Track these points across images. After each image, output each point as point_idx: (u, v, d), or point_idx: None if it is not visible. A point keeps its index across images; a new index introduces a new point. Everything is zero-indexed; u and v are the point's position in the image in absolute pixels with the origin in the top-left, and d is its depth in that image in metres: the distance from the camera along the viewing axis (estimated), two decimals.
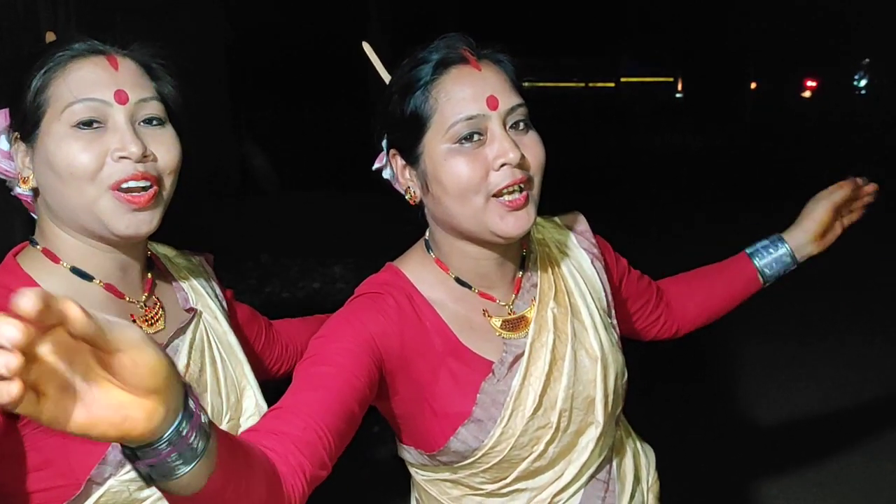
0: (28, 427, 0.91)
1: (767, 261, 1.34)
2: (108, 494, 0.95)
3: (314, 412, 0.88)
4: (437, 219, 1.06)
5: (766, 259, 1.34)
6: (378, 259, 1.47)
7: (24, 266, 0.98)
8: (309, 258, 5.27)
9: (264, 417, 0.90)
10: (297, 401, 0.90)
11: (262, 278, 4.98)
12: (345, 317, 1.02)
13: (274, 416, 0.88)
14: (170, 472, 0.63)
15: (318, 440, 0.86)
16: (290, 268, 5.17)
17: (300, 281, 4.99)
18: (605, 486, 1.12)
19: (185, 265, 1.18)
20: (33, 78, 0.94)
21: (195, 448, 0.63)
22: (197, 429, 0.63)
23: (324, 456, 0.86)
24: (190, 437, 0.62)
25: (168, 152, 0.99)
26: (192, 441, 0.63)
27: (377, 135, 1.10)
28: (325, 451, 0.86)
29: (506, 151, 0.96)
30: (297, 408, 0.89)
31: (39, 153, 0.95)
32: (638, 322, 1.32)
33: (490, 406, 1.01)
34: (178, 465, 0.63)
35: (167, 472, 0.63)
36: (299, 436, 0.84)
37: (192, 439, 0.63)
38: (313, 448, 0.85)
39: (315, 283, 4.89)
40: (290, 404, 0.90)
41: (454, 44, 1.01)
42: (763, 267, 1.34)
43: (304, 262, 5.23)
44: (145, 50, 1.01)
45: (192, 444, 0.63)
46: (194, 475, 0.64)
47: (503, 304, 1.08)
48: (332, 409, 0.89)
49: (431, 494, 1.13)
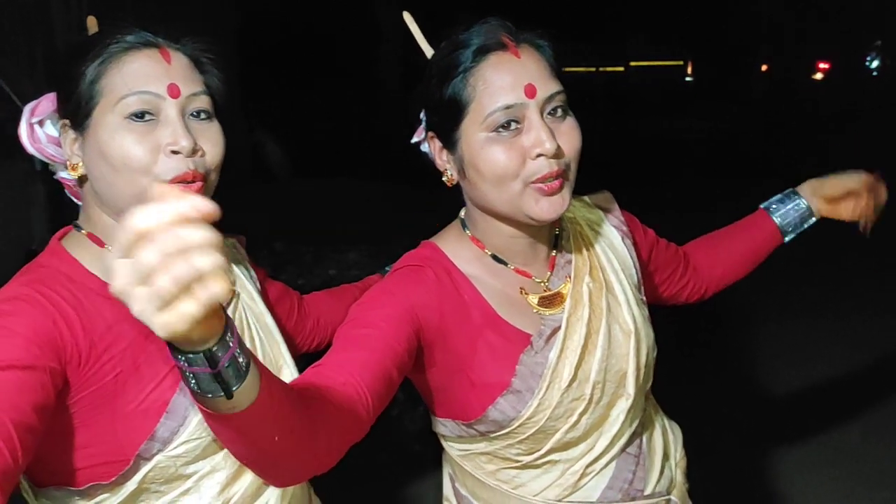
0: (79, 404, 0.94)
1: (782, 212, 1.38)
2: (156, 470, 0.98)
3: (354, 370, 0.90)
4: (474, 200, 1.08)
5: (781, 210, 1.38)
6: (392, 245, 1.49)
7: (69, 249, 1.01)
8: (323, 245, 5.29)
9: (304, 374, 0.91)
10: (338, 359, 0.92)
11: (277, 266, 4.99)
12: (386, 287, 1.04)
13: (314, 372, 0.90)
14: (240, 375, 0.65)
15: (357, 396, 0.87)
16: (305, 255, 5.19)
17: (315, 268, 5.00)
18: (635, 460, 1.14)
19: None
20: (87, 68, 0.96)
21: (241, 363, 0.65)
22: (242, 350, 0.65)
23: (362, 413, 0.87)
24: (237, 352, 0.64)
25: (214, 147, 1.01)
26: (239, 357, 0.65)
27: (416, 111, 1.12)
28: (363, 408, 0.88)
29: (542, 142, 0.98)
30: (338, 365, 0.91)
31: (90, 142, 0.97)
32: (668, 289, 1.35)
33: (528, 377, 1.04)
34: (243, 364, 0.65)
35: (237, 376, 0.65)
36: (339, 390, 0.86)
37: (239, 355, 0.65)
38: (352, 403, 0.86)
39: (330, 269, 4.91)
40: (331, 362, 0.92)
41: (494, 29, 1.02)
42: (778, 218, 1.38)
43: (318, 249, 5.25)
44: (195, 43, 1.02)
45: (239, 360, 0.65)
46: (250, 382, 0.66)
47: (539, 280, 1.10)
48: (372, 370, 0.91)
49: (466, 469, 1.16)
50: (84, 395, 0.93)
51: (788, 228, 1.38)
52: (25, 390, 0.84)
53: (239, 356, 0.64)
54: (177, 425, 0.97)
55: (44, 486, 0.99)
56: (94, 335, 0.94)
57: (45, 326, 0.89)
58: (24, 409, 0.83)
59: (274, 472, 0.84)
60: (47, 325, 0.89)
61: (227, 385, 0.64)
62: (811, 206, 1.37)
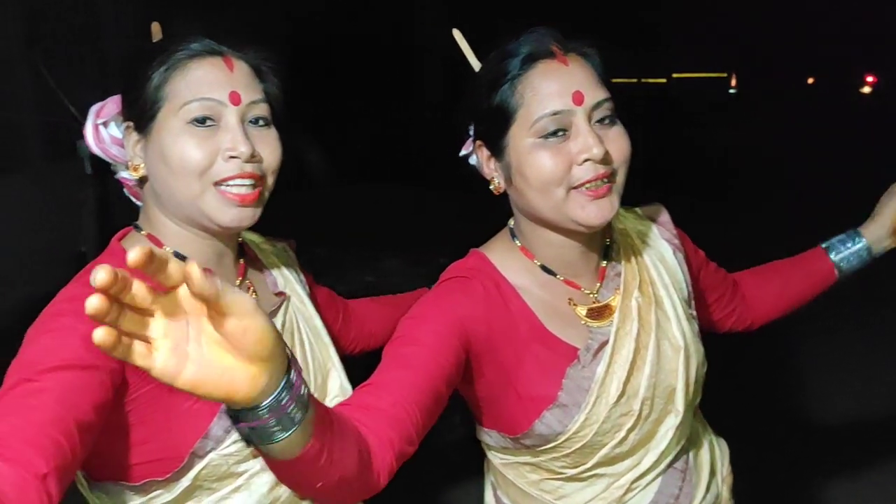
0: (136, 402, 0.96)
1: (844, 255, 1.34)
2: (209, 467, 1.00)
3: (403, 390, 0.91)
4: (521, 209, 1.08)
5: (843, 253, 1.34)
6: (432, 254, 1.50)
7: (128, 249, 1.04)
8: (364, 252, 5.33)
9: (355, 393, 0.93)
10: (387, 378, 0.93)
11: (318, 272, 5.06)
12: (434, 299, 1.05)
13: (365, 391, 0.92)
14: (269, 437, 0.68)
15: (407, 417, 0.89)
16: (345, 261, 5.24)
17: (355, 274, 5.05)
18: (682, 476, 1.13)
19: (272, 251, 1.23)
20: (154, 73, 0.99)
21: (293, 417, 0.68)
22: (296, 399, 0.67)
23: (412, 432, 0.89)
24: (289, 407, 0.67)
25: (272, 153, 1.03)
26: (291, 410, 0.67)
27: (463, 123, 1.13)
28: (412, 427, 0.89)
29: (589, 147, 0.98)
30: (387, 385, 0.92)
31: (153, 144, 1.00)
32: (714, 314, 1.33)
33: (575, 391, 1.04)
34: (276, 430, 0.68)
35: (266, 436, 0.68)
36: (389, 412, 0.88)
37: (291, 409, 0.67)
38: (402, 424, 0.88)
39: (369, 276, 4.96)
40: (380, 381, 0.93)
41: (542, 38, 1.02)
42: (839, 261, 1.34)
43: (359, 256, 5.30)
44: (257, 52, 1.05)
45: (290, 413, 0.67)
46: (291, 442, 0.69)
47: (588, 292, 1.10)
48: (421, 388, 0.92)
49: (508, 478, 1.16)
50: (141, 393, 0.96)
51: (845, 270, 1.34)
52: (86, 389, 0.86)
53: (292, 411, 0.67)
54: (229, 424, 0.99)
55: (100, 481, 1.01)
56: None
57: None
58: (84, 407, 0.85)
59: (325, 500, 0.87)
60: None
61: (261, 440, 0.68)
62: (871, 248, 1.33)
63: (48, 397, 0.83)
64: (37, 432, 0.79)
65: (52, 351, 0.87)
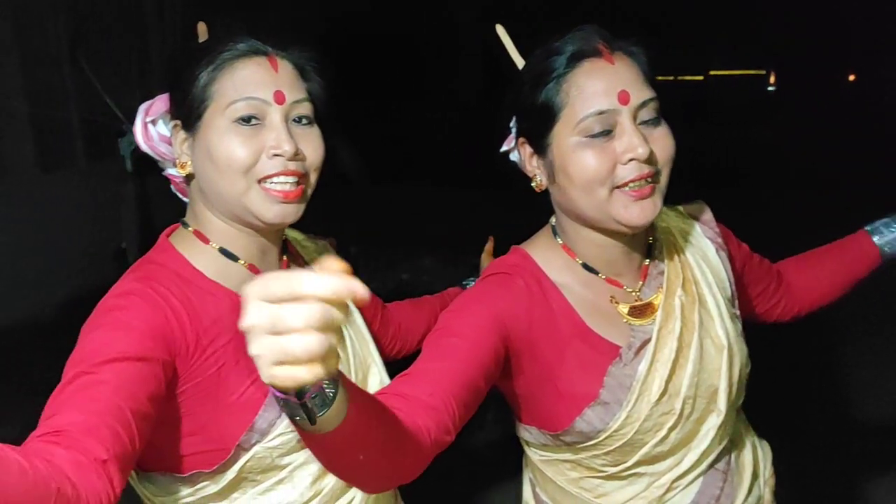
0: (185, 394, 0.98)
1: (888, 238, 1.33)
2: (254, 460, 1.02)
3: (441, 380, 0.91)
4: (563, 207, 1.08)
5: (888, 237, 1.33)
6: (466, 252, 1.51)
7: (176, 245, 1.06)
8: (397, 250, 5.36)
9: (393, 382, 0.94)
10: (426, 368, 0.94)
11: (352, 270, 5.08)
12: (475, 294, 1.06)
13: (403, 380, 0.92)
14: (328, 402, 0.66)
15: (444, 407, 0.89)
16: (379, 259, 5.27)
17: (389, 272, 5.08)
18: (723, 477, 1.12)
19: (313, 248, 1.25)
20: (201, 73, 1.01)
21: (328, 394, 0.66)
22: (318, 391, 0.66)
23: (448, 422, 0.89)
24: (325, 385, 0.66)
25: (315, 151, 1.05)
26: (327, 388, 0.66)
27: (506, 119, 1.13)
28: (449, 418, 0.89)
29: (634, 147, 0.98)
30: (425, 375, 0.92)
31: (200, 142, 1.02)
32: (759, 306, 1.32)
33: (617, 389, 1.03)
34: (330, 391, 0.66)
35: (325, 402, 0.66)
36: (426, 401, 0.88)
37: (327, 386, 0.66)
38: (439, 414, 0.88)
39: (404, 274, 4.98)
40: (419, 371, 0.94)
41: (588, 36, 1.02)
42: (884, 245, 1.33)
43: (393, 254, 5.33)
44: (300, 52, 1.07)
45: (326, 390, 0.66)
46: (338, 408, 0.67)
47: (630, 290, 1.10)
48: (459, 380, 0.93)
49: (547, 475, 1.16)
50: (190, 386, 0.98)
51: (889, 254, 1.33)
52: (141, 380, 0.89)
53: (327, 387, 0.66)
54: (274, 417, 1.01)
55: (148, 471, 1.04)
56: (200, 329, 0.98)
57: (157, 320, 0.94)
58: (140, 398, 0.88)
59: (360, 482, 0.87)
60: (159, 319, 0.94)
61: (310, 413, 0.66)
62: None
63: (106, 388, 0.85)
64: (96, 422, 0.82)
65: (107, 344, 0.90)
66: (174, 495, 1.04)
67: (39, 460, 0.71)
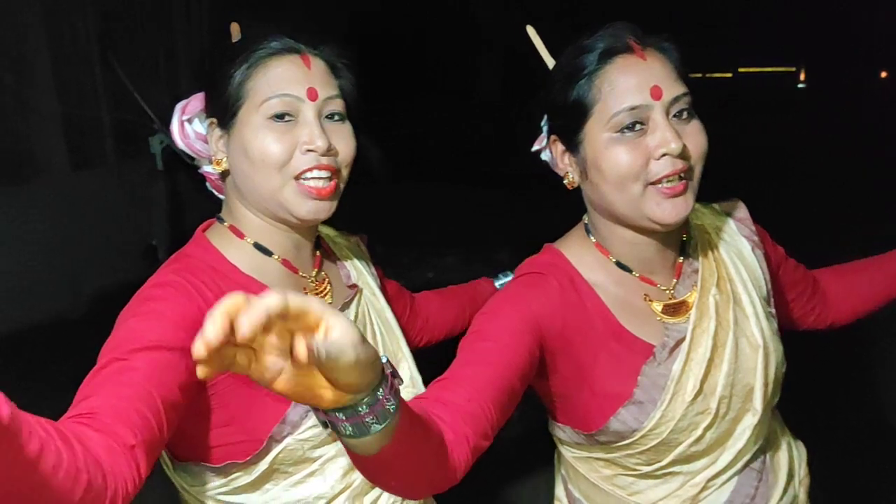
0: (217, 386, 0.99)
1: None
2: (286, 452, 1.03)
3: (478, 385, 0.91)
4: (595, 204, 1.07)
5: None
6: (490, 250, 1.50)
7: (211, 240, 1.07)
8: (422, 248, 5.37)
9: (431, 387, 0.94)
10: (463, 374, 0.94)
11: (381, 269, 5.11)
12: (509, 296, 1.05)
13: (441, 386, 0.92)
14: (365, 430, 0.67)
15: (482, 412, 0.89)
16: (403, 258, 5.29)
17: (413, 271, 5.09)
18: (758, 476, 1.11)
19: (346, 245, 1.25)
20: (236, 71, 1.02)
21: (389, 409, 0.67)
22: (392, 393, 0.68)
23: (486, 427, 0.89)
24: (386, 402, 0.67)
25: (347, 146, 1.06)
26: (388, 404, 0.67)
27: (538, 118, 1.13)
28: (488, 423, 0.89)
29: (667, 141, 0.97)
30: (463, 380, 0.92)
31: (235, 139, 1.03)
32: (793, 311, 1.30)
33: (651, 388, 1.02)
34: (372, 423, 0.67)
35: (363, 430, 0.67)
36: (465, 407, 0.88)
37: (388, 402, 0.67)
38: (477, 420, 0.88)
39: (429, 272, 4.99)
40: (456, 377, 0.94)
41: (620, 33, 1.01)
42: None
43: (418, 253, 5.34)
44: (332, 49, 1.08)
45: (387, 406, 0.67)
46: (384, 433, 0.68)
47: (664, 288, 1.09)
48: (495, 384, 0.93)
49: (580, 472, 1.15)
50: (223, 378, 0.99)
51: None
52: (172, 369, 0.90)
53: (389, 404, 0.67)
54: (305, 410, 1.02)
55: (183, 461, 1.05)
56: None
57: (191, 311, 0.95)
58: (170, 386, 0.89)
59: (402, 492, 0.89)
60: (193, 310, 0.95)
61: (349, 438, 0.67)
62: None
63: (137, 375, 0.87)
64: (126, 407, 0.83)
65: (141, 332, 0.91)
66: (208, 485, 1.06)
67: (77, 444, 0.71)
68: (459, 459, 0.85)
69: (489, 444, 0.90)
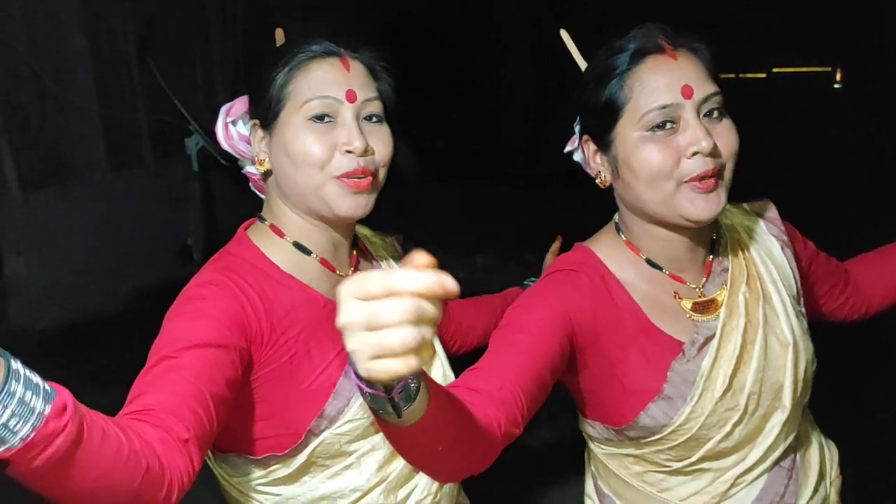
0: (259, 380, 1.03)
1: None
2: (323, 445, 1.06)
3: (509, 374, 0.94)
4: (627, 203, 1.09)
5: None
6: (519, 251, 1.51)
7: (252, 239, 1.11)
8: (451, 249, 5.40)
9: (463, 376, 0.96)
10: (494, 363, 0.96)
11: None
12: (540, 291, 1.08)
13: (473, 375, 0.95)
14: (412, 395, 0.68)
15: (513, 400, 0.91)
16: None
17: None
18: (788, 474, 1.12)
19: (381, 244, 1.28)
20: (278, 74, 1.06)
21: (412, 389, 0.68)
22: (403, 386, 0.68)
23: (517, 416, 0.91)
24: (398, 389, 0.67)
25: (384, 147, 1.09)
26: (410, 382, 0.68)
27: (570, 120, 1.15)
28: (518, 411, 0.91)
29: (698, 140, 0.98)
30: (494, 369, 0.95)
31: (277, 140, 1.07)
32: (826, 304, 1.30)
33: (680, 384, 1.04)
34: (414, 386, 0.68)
35: (409, 396, 0.68)
36: (496, 395, 0.90)
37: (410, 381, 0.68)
38: (508, 407, 0.90)
39: (461, 272, 5.01)
40: (488, 366, 0.96)
41: (651, 33, 1.03)
42: None
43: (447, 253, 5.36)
44: (371, 52, 1.11)
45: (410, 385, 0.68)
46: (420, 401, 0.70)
47: (693, 286, 1.10)
48: (527, 374, 0.95)
49: (610, 469, 1.17)
50: (264, 373, 1.03)
51: None
52: (220, 365, 0.94)
53: (412, 382, 0.68)
54: (342, 405, 1.05)
55: (224, 453, 1.09)
56: (274, 319, 1.03)
57: (234, 309, 0.99)
58: (218, 382, 0.93)
59: (435, 472, 0.91)
60: (236, 308, 0.99)
61: (397, 407, 0.68)
62: None
63: (187, 372, 0.90)
64: (179, 403, 0.87)
65: (189, 331, 0.95)
66: (248, 476, 1.10)
67: (134, 435, 0.76)
68: (492, 443, 0.87)
69: (520, 433, 0.92)
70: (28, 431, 0.63)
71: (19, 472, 0.65)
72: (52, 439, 0.64)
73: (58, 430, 0.64)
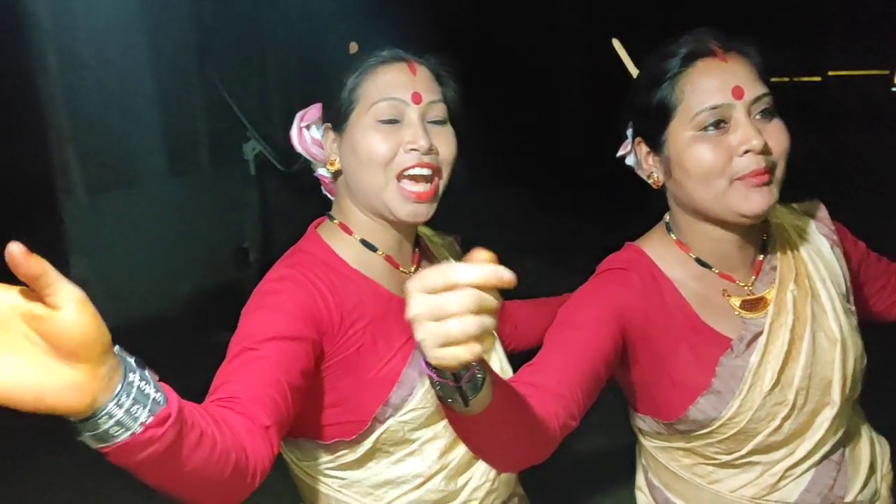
0: (329, 370, 1.10)
1: None
2: (388, 433, 1.12)
3: (566, 370, 0.99)
4: (680, 202, 1.13)
5: None
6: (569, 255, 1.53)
7: (322, 236, 1.18)
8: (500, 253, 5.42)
9: (521, 371, 1.02)
10: (551, 359, 1.01)
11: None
12: (593, 289, 1.12)
13: (530, 370, 1.00)
14: (477, 386, 0.73)
15: (570, 394, 0.96)
16: None
17: None
18: (837, 468, 1.14)
19: (441, 243, 1.35)
20: (348, 79, 1.13)
21: (478, 379, 0.73)
22: (471, 376, 0.73)
23: (574, 409, 0.96)
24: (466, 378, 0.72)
25: (448, 147, 1.15)
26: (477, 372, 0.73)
27: (623, 124, 1.19)
28: (575, 405, 0.96)
29: (749, 138, 1.01)
30: (551, 365, 1.00)
31: (346, 141, 1.14)
32: (878, 304, 1.32)
33: (729, 379, 1.07)
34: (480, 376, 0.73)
35: (475, 386, 0.73)
36: (554, 389, 0.95)
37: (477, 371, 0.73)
38: (565, 401, 0.95)
39: None
40: (544, 362, 1.01)
41: (702, 37, 1.07)
42: None
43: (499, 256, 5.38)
44: (437, 59, 1.18)
45: (477, 375, 0.73)
46: (486, 392, 0.74)
47: (742, 284, 1.13)
48: (582, 369, 1.00)
49: (660, 461, 1.20)
50: (334, 363, 1.09)
51: None
52: (296, 357, 1.01)
53: (479, 373, 0.73)
54: (406, 394, 1.11)
55: (295, 437, 1.16)
56: (344, 312, 1.10)
57: (307, 303, 1.06)
58: (294, 372, 1.00)
59: (497, 460, 0.96)
60: (309, 302, 1.06)
61: (465, 396, 0.73)
62: None
63: (267, 363, 0.97)
64: (260, 392, 0.94)
65: (266, 324, 1.02)
66: (317, 461, 1.16)
67: (225, 427, 0.82)
68: (551, 434, 0.92)
69: (576, 425, 0.97)
70: (125, 437, 0.67)
71: (114, 462, 0.70)
72: (147, 446, 0.69)
73: (155, 438, 0.69)
